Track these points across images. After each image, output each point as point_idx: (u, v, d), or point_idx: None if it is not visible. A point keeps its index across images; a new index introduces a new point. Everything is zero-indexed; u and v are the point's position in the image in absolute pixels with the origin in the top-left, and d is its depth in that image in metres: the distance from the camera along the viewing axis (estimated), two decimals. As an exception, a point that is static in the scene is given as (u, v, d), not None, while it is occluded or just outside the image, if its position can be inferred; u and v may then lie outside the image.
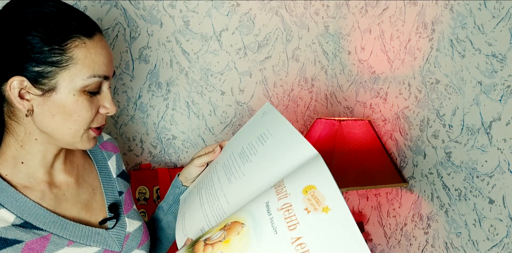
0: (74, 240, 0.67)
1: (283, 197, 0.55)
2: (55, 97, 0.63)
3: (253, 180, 0.66)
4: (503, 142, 1.07)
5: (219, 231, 0.56)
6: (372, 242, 1.50)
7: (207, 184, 0.74)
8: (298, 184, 0.55)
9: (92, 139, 0.70)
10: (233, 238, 0.54)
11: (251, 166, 0.68)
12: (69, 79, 0.62)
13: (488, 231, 1.11)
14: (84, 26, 0.64)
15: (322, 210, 0.50)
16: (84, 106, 0.65)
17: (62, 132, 0.66)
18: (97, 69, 0.64)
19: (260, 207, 0.56)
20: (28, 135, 0.67)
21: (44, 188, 0.69)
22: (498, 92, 1.07)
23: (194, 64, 1.43)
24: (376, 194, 1.49)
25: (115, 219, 0.75)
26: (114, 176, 0.82)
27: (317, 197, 0.52)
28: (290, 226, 0.51)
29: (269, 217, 0.53)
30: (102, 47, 0.65)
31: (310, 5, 1.63)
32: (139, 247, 0.77)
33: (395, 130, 1.39)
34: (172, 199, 0.86)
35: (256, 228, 0.53)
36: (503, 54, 1.06)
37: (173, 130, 1.41)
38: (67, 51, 0.61)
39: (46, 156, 0.69)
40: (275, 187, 0.58)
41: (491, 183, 1.10)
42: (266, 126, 0.71)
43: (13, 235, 0.62)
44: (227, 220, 0.58)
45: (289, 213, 0.52)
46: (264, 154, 0.68)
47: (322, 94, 1.69)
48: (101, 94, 0.68)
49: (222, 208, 0.67)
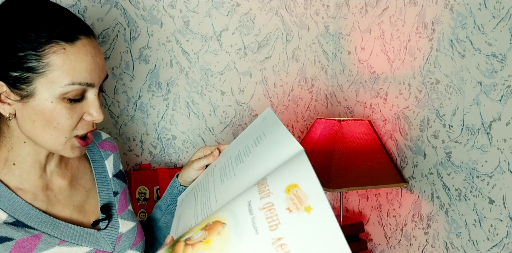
0: (65, 239, 0.67)
1: (266, 196, 0.54)
2: (33, 104, 0.62)
3: (241, 179, 0.65)
4: (503, 142, 1.07)
5: (200, 230, 0.55)
6: (372, 242, 1.50)
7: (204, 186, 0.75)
8: (281, 183, 0.54)
9: (77, 148, 0.68)
10: (213, 238, 0.52)
11: (243, 166, 0.68)
12: (48, 86, 0.61)
13: (488, 231, 1.11)
14: (65, 31, 0.61)
15: (304, 210, 0.49)
16: (62, 114, 0.63)
17: (43, 138, 0.64)
18: (77, 77, 0.62)
19: (242, 206, 0.55)
20: (16, 137, 0.67)
21: (36, 190, 0.69)
22: (498, 92, 1.07)
23: (194, 64, 1.43)
24: (376, 194, 1.49)
25: (107, 220, 0.75)
26: (110, 176, 0.82)
27: (299, 196, 0.51)
28: (272, 226, 0.50)
29: (251, 217, 0.52)
30: (86, 53, 0.63)
31: (310, 5, 1.63)
32: (133, 247, 0.77)
33: (395, 130, 1.39)
34: (170, 198, 0.86)
35: (237, 228, 0.52)
36: (503, 54, 1.06)
37: (173, 130, 1.41)
38: (43, 57, 0.60)
39: (37, 158, 0.69)
40: (258, 185, 0.57)
41: (491, 183, 1.10)
42: (263, 130, 0.71)
43: (3, 233, 0.62)
44: (209, 219, 0.57)
45: (270, 213, 0.51)
46: (255, 154, 0.67)
47: (322, 94, 1.69)
48: (86, 101, 0.65)
49: (210, 207, 0.67)
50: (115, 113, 1.32)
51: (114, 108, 1.32)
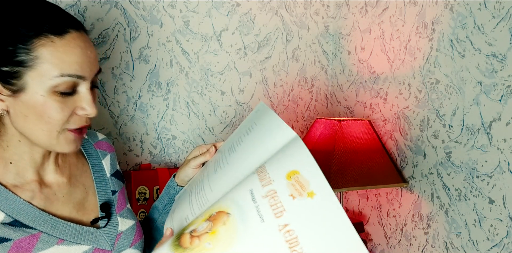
0: (64, 238, 0.67)
1: (267, 184, 0.54)
2: (24, 98, 0.62)
3: (236, 167, 0.65)
4: (503, 142, 1.07)
5: (204, 222, 0.55)
6: (372, 242, 1.50)
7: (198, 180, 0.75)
8: (281, 170, 0.54)
9: (72, 142, 0.67)
10: (219, 229, 0.53)
11: (236, 154, 0.68)
12: (38, 79, 0.61)
13: (488, 231, 1.11)
14: (54, 25, 0.62)
15: (308, 195, 0.50)
16: (53, 107, 0.62)
17: (36, 134, 0.64)
18: (66, 68, 0.62)
19: (244, 195, 0.55)
20: (11, 135, 0.67)
21: (34, 188, 0.69)
22: (498, 92, 1.07)
23: (194, 64, 1.43)
24: (376, 194, 1.49)
25: (107, 218, 0.75)
26: (108, 175, 0.82)
27: (301, 182, 0.51)
28: (277, 213, 0.51)
29: (255, 205, 0.53)
30: (75, 46, 0.63)
31: (310, 5, 1.63)
32: (132, 246, 0.77)
33: (395, 130, 1.39)
34: (167, 198, 0.86)
35: (242, 217, 0.53)
36: (503, 54, 1.06)
37: (173, 130, 1.41)
38: (32, 51, 0.60)
39: (34, 156, 0.69)
40: (258, 173, 0.57)
41: (491, 183, 1.10)
42: (255, 120, 0.72)
43: (1, 233, 0.62)
44: (212, 210, 0.57)
45: (274, 200, 0.52)
46: (247, 141, 0.68)
47: (322, 94, 1.69)
48: (78, 95, 0.65)
49: (206, 196, 0.67)
50: (115, 113, 1.32)
51: (114, 108, 1.32)
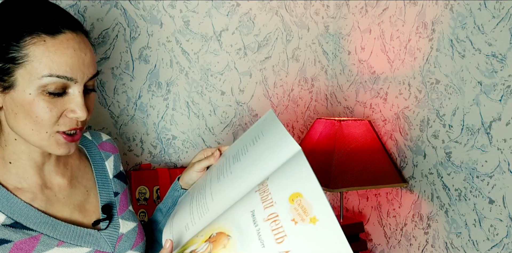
0: (64, 240, 0.67)
1: (269, 205, 0.53)
2: (14, 95, 0.62)
3: (238, 178, 0.65)
4: (503, 142, 1.07)
5: (204, 243, 0.54)
6: (372, 242, 1.50)
7: (201, 185, 0.75)
8: (283, 191, 0.53)
9: (63, 145, 0.66)
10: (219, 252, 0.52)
11: (239, 164, 0.68)
12: (27, 78, 0.61)
13: (488, 231, 1.11)
14: (49, 24, 0.61)
15: (310, 221, 0.48)
16: (41, 106, 0.62)
17: (27, 133, 0.64)
18: (55, 69, 0.61)
19: (245, 216, 0.54)
20: (7, 134, 0.67)
21: (35, 189, 0.69)
22: (498, 92, 1.07)
23: (194, 64, 1.43)
24: (376, 194, 1.49)
25: (108, 220, 0.75)
26: (111, 176, 0.82)
27: (304, 206, 0.50)
28: (278, 239, 0.49)
29: (256, 229, 0.51)
30: (67, 47, 0.62)
31: (310, 5, 1.63)
32: (133, 248, 0.76)
33: (395, 130, 1.39)
34: (171, 201, 0.86)
35: (243, 241, 0.51)
36: (503, 54, 1.06)
37: (173, 130, 1.41)
38: (23, 48, 0.60)
39: (32, 156, 0.69)
40: (260, 192, 0.56)
41: (491, 183, 1.10)
42: (262, 129, 0.71)
43: (1, 235, 0.62)
44: (212, 229, 0.56)
45: (276, 224, 0.50)
46: (253, 152, 0.67)
47: (322, 94, 1.69)
48: (69, 97, 0.64)
49: (207, 205, 0.66)
50: (115, 113, 1.32)
51: (114, 108, 1.32)
